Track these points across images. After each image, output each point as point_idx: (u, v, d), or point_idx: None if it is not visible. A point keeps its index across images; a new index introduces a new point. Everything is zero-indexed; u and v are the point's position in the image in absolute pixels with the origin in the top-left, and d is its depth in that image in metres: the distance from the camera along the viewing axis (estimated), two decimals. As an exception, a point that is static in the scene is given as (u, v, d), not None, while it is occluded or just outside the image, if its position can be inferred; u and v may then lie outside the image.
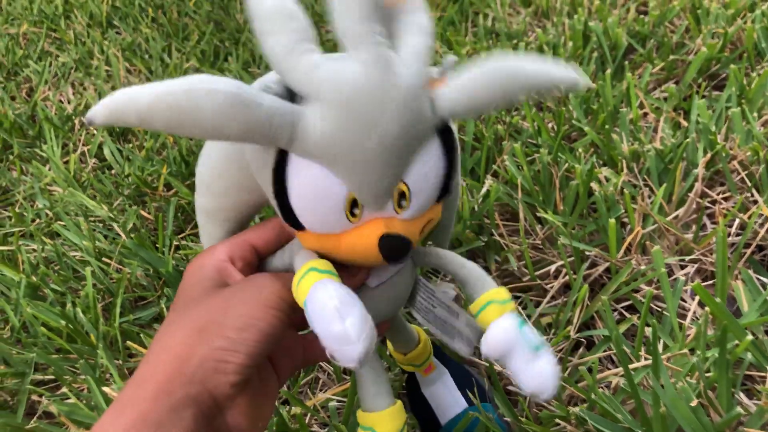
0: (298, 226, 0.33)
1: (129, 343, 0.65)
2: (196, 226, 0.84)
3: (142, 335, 0.65)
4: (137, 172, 0.91)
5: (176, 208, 0.84)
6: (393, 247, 0.33)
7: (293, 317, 0.35)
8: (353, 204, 0.32)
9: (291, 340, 0.40)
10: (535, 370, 0.35)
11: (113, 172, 0.97)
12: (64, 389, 0.63)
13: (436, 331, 0.45)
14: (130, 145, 1.01)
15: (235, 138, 0.28)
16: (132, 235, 0.77)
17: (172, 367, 0.31)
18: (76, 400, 0.60)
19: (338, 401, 0.60)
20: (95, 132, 1.04)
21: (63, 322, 0.66)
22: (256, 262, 0.39)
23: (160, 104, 0.27)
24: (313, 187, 0.31)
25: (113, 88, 1.20)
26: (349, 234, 0.33)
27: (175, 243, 0.78)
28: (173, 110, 0.27)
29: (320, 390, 0.62)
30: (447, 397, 0.51)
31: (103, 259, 0.76)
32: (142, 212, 0.85)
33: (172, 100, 0.27)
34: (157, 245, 0.78)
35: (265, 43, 0.29)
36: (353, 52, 0.29)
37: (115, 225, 0.82)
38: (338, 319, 0.29)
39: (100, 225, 0.85)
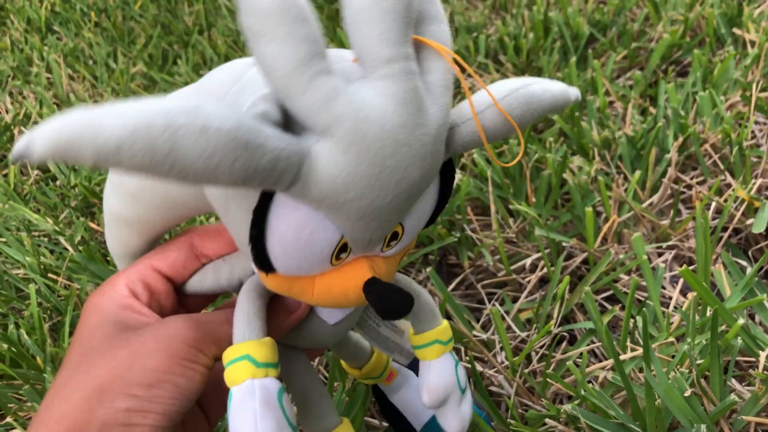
0: (269, 269, 0.28)
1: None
2: (150, 236, 0.79)
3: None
4: (84, 182, 0.85)
5: (128, 217, 0.78)
6: (392, 303, 0.28)
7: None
8: (342, 248, 0.27)
9: (220, 373, 0.33)
10: (461, 413, 0.37)
11: (58, 183, 0.91)
12: (9, 419, 0.57)
13: (377, 346, 0.43)
14: (76, 154, 0.95)
15: (224, 185, 0.22)
16: (80, 248, 0.71)
17: None
18: (23, 430, 0.55)
19: None
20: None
21: (5, 346, 0.60)
22: (169, 292, 0.33)
23: (136, 143, 0.19)
24: (300, 233, 0.26)
25: (55, 96, 1.13)
26: (327, 276, 0.28)
27: (127, 254, 0.72)
28: (149, 152, 0.19)
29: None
30: (417, 403, 0.47)
31: (50, 275, 0.70)
32: (91, 224, 0.79)
33: (151, 138, 0.19)
34: (107, 258, 0.73)
35: (262, 51, 0.22)
36: (378, 81, 0.24)
37: (61, 239, 0.76)
38: None
39: (45, 239, 0.79)
